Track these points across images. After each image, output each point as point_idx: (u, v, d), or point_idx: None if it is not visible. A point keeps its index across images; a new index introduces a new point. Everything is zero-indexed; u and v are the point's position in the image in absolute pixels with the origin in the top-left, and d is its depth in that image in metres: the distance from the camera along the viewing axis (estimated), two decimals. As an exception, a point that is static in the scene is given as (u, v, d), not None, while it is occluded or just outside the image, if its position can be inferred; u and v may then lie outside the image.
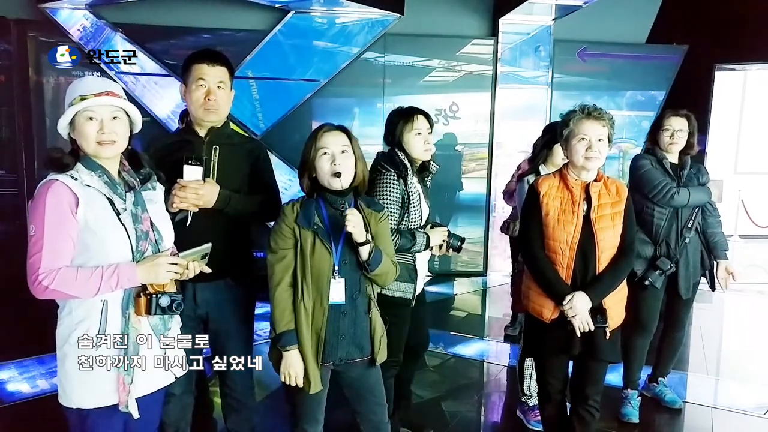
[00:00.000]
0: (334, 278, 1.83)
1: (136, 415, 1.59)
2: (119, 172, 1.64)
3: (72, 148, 1.61)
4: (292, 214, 1.84)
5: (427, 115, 2.41)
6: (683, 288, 2.85)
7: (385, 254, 1.89)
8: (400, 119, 2.36)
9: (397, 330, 2.34)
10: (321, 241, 1.82)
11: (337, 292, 1.84)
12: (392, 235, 2.22)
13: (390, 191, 2.26)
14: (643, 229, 2.79)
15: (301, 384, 1.85)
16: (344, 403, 2.03)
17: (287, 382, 1.87)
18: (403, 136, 2.34)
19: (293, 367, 1.84)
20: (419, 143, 2.35)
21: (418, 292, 2.44)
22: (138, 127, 1.68)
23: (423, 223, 2.43)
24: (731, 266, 2.91)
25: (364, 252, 1.82)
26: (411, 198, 2.30)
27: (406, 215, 2.29)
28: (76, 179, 1.54)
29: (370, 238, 1.82)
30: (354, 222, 1.76)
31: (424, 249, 2.35)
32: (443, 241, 2.42)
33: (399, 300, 2.32)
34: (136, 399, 1.60)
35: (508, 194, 3.93)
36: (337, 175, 1.80)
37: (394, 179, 2.27)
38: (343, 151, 1.83)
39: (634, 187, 2.82)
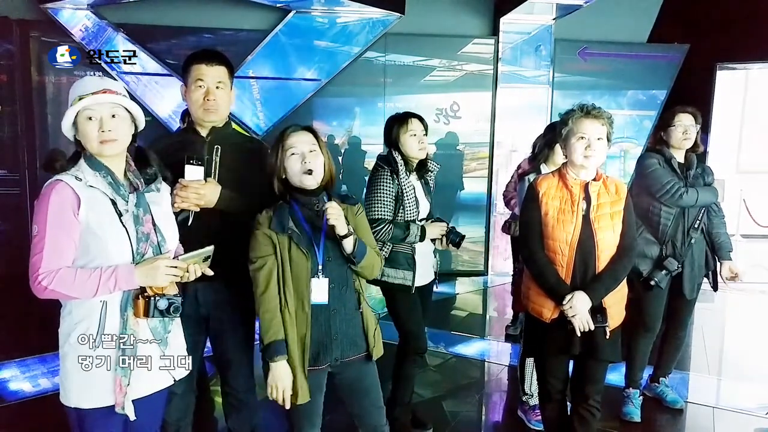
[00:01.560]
0: (317, 277, 1.81)
1: (132, 417, 1.57)
2: (125, 173, 1.63)
3: (77, 150, 1.60)
4: (266, 221, 1.83)
5: (420, 118, 2.60)
6: (688, 288, 2.84)
7: (368, 246, 1.89)
8: (395, 122, 2.57)
9: (413, 318, 2.55)
10: (297, 245, 1.81)
11: (320, 292, 1.82)
12: (386, 226, 2.41)
13: (384, 186, 2.48)
14: (649, 229, 2.79)
15: (288, 399, 1.78)
16: (343, 405, 2.02)
17: (273, 396, 1.78)
18: (399, 138, 2.54)
19: (282, 380, 1.77)
20: (414, 143, 2.54)
21: (422, 283, 2.57)
22: (142, 125, 1.67)
23: (421, 217, 2.59)
24: (735, 266, 2.89)
25: (348, 245, 1.81)
26: (405, 193, 2.50)
27: (401, 208, 2.49)
28: (81, 180, 1.54)
29: (352, 230, 1.82)
30: (335, 214, 1.76)
31: (420, 241, 2.51)
32: (441, 235, 2.59)
33: (399, 286, 2.51)
34: (135, 400, 1.59)
35: (506, 199, 3.93)
36: (309, 172, 1.81)
37: (387, 176, 2.49)
38: (311, 150, 1.84)
39: (641, 186, 2.82)
